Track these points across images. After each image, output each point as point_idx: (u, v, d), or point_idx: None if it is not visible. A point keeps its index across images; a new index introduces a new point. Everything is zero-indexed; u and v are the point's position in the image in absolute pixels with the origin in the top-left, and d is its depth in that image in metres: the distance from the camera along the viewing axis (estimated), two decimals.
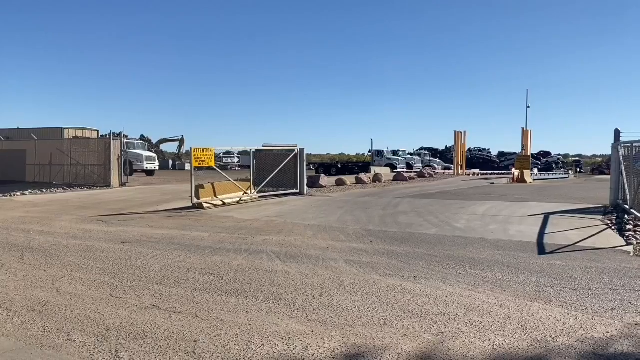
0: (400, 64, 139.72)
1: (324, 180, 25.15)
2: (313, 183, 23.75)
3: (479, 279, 6.38)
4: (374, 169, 40.62)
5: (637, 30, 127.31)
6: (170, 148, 69.66)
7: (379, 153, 53.78)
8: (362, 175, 29.39)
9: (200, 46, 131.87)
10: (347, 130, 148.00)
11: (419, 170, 44.24)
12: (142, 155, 37.40)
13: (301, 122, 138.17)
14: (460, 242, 9.23)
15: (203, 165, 16.03)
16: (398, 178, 32.07)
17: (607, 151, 16.28)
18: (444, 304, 5.20)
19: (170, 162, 61.51)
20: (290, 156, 19.42)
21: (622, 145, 14.57)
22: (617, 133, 15.11)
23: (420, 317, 4.76)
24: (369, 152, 56.01)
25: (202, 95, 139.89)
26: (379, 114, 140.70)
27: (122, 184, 24.48)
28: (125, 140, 30.79)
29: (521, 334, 4.28)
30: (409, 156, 56.58)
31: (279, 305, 5.21)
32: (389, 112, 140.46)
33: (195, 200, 15.11)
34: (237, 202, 16.55)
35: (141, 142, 44.64)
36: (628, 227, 10.63)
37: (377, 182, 29.24)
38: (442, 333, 4.33)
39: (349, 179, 27.90)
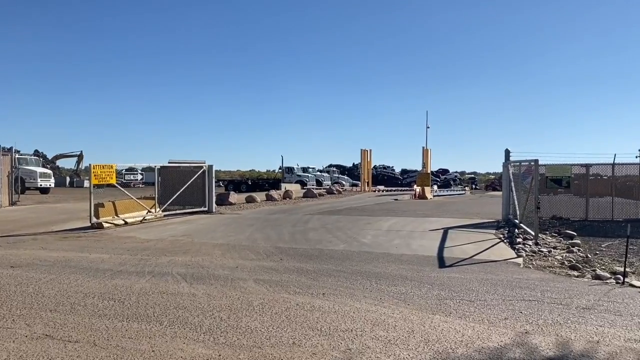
0: (309, 81, 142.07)
1: (234, 197, 24.83)
2: (222, 200, 23.36)
3: (385, 293, 6.58)
4: (285, 186, 40.75)
5: (526, 59, 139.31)
6: (67, 164, 65.43)
7: (290, 170, 54.09)
8: (273, 192, 29.37)
9: (100, 57, 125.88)
10: (257, 146, 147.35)
11: (328, 187, 44.99)
12: (35, 171, 34.77)
13: (210, 138, 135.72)
14: (367, 257, 9.48)
15: (103, 182, 15.22)
16: (308, 195, 32.41)
17: (500, 169, 17.55)
18: (352, 320, 5.29)
19: (68, 179, 57.67)
20: (198, 173, 19.00)
21: (512, 164, 15.80)
22: (507, 153, 16.33)
23: (329, 335, 4.81)
24: (280, 168, 56.14)
25: (102, 108, 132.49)
26: (290, 130, 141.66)
27: (12, 203, 22.61)
28: (17, 156, 28.48)
29: (424, 347, 4.46)
30: (318, 173, 57.41)
31: (184, 329, 5.03)
32: (300, 129, 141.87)
33: (94, 220, 14.28)
34: (141, 222, 15.87)
35: (35, 157, 41.47)
36: (518, 240, 11.48)
37: (288, 198, 29.35)
38: (350, 350, 4.40)
39: (260, 196, 27.76)
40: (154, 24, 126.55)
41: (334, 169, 65.98)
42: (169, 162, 19.50)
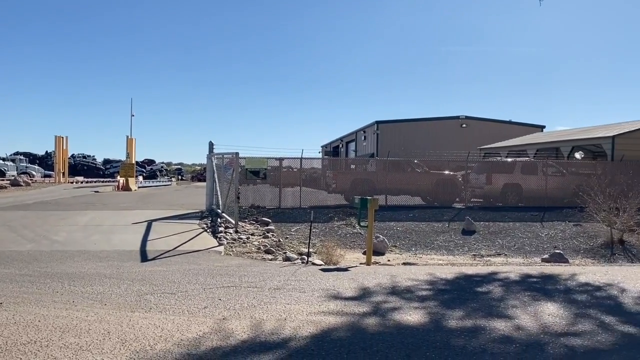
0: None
1: None
2: None
3: (79, 295, 6.02)
4: None
5: (229, 59, 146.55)
6: None
7: None
8: None
9: None
10: None
11: (13, 177, 38.98)
12: None
13: None
14: (60, 256, 8.57)
15: None
16: None
17: (206, 160, 18.09)
18: (36, 330, 4.65)
19: None
20: None
21: (215, 155, 16.42)
22: (211, 145, 16.88)
23: (6, 351, 4.12)
24: None
25: None
26: None
27: None
28: None
29: (120, 348, 4.21)
30: (1, 162, 49.20)
31: None
32: None
33: None
34: None
35: None
36: (220, 229, 12.00)
37: None
38: None
39: None
40: None
41: (22, 157, 57.49)
42: None
